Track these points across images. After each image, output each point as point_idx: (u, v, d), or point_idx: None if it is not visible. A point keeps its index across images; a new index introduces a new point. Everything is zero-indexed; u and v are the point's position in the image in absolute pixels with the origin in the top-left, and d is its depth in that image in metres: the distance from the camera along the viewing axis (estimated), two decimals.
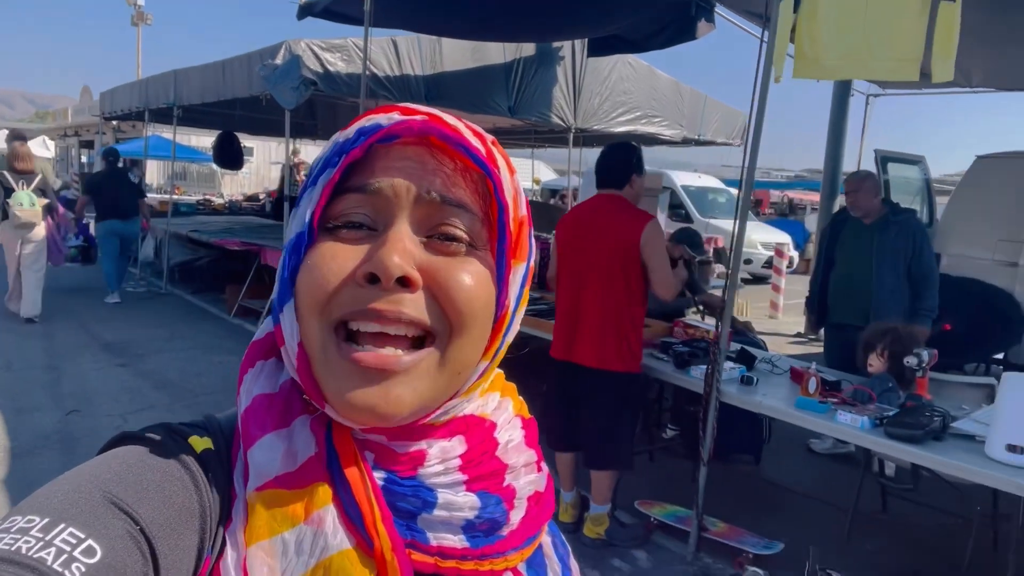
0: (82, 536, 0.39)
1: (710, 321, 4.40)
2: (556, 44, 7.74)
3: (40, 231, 6.82)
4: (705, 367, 3.21)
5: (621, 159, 3.18)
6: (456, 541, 0.50)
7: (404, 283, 0.46)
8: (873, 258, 4.24)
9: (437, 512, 0.49)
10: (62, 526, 0.39)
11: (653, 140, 9.30)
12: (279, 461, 0.47)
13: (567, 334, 3.24)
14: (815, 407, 2.83)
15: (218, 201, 13.52)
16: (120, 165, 9.21)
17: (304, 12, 5.80)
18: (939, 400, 2.97)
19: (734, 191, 13.43)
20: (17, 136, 7.20)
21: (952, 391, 3.26)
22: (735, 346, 3.73)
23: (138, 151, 12.60)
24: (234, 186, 23.31)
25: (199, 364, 5.85)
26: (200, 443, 0.49)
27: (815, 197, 13.80)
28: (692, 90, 9.33)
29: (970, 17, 4.90)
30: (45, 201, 6.84)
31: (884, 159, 6.36)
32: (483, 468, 0.52)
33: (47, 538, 0.38)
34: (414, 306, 0.47)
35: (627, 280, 3.09)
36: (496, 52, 7.27)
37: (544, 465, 0.58)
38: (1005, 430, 2.34)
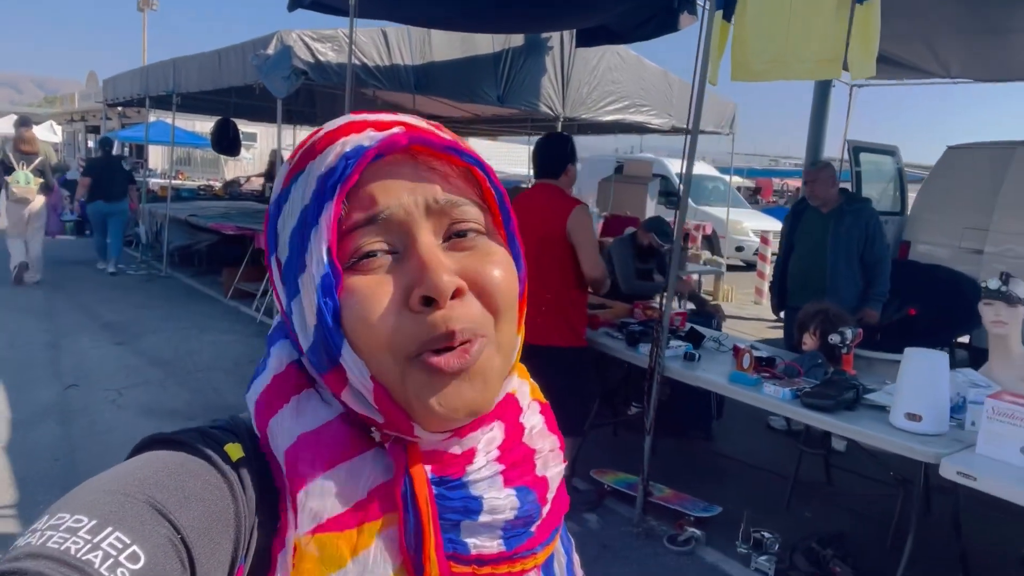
0: (128, 541, 0.40)
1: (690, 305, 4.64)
2: (544, 35, 7.93)
3: (36, 205, 7.84)
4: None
5: (556, 150, 3.40)
6: (494, 546, 0.51)
7: (454, 295, 0.48)
8: (828, 245, 4.46)
9: (481, 518, 0.50)
10: (109, 529, 0.40)
11: (642, 129, 9.50)
12: (332, 503, 0.48)
13: None
14: (746, 380, 3.06)
15: (218, 187, 13.78)
16: (115, 152, 10.17)
17: (295, 4, 6.02)
18: (868, 376, 3.19)
19: (728, 178, 13.62)
20: (23, 122, 8.05)
21: (881, 368, 3.47)
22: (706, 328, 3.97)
23: (141, 137, 12.84)
24: (238, 171, 23.55)
25: (193, 343, 6.12)
26: (235, 451, 0.50)
27: None
28: (681, 80, 9.49)
29: (947, 10, 5.08)
30: (41, 180, 7.80)
31: (856, 149, 6.54)
32: (516, 455, 0.54)
33: (95, 540, 0.39)
34: (468, 318, 0.48)
35: (561, 264, 3.31)
36: (485, 43, 7.45)
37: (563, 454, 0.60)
38: (905, 400, 2.57)
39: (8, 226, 7.89)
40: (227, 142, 10.72)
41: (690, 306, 5.28)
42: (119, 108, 14.33)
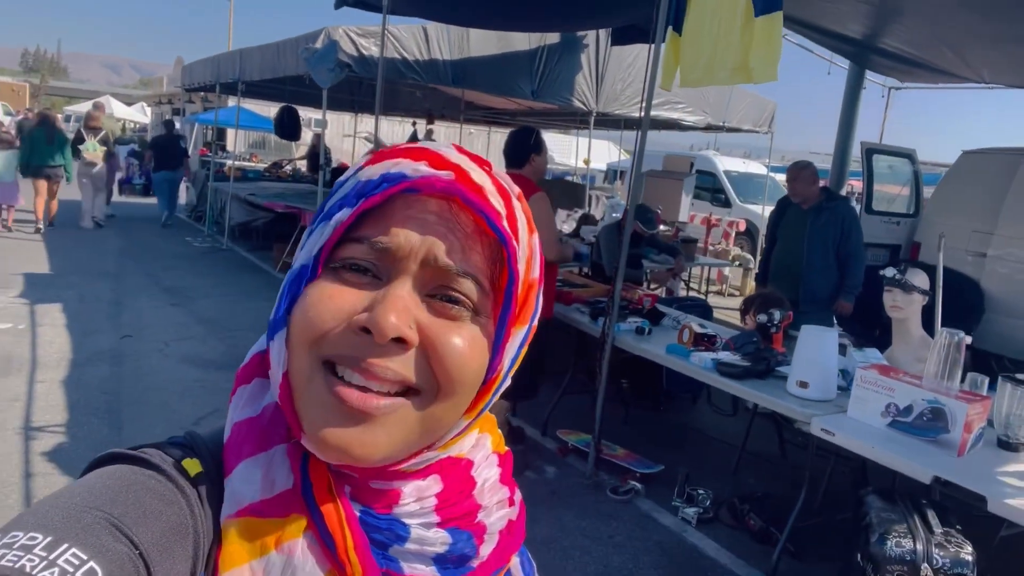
0: (84, 558, 0.39)
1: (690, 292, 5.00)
2: (580, 33, 8.30)
3: (99, 168, 10.46)
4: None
5: (521, 141, 3.82)
6: (428, 572, 0.51)
7: (398, 341, 0.46)
8: (805, 240, 4.75)
9: (409, 545, 0.50)
10: (65, 546, 0.39)
11: (675, 125, 9.75)
12: (255, 488, 0.48)
13: None
14: (679, 351, 3.45)
15: (285, 168, 14.67)
16: (174, 132, 12.47)
17: (340, 2, 6.62)
18: None
19: (776, 177, 13.64)
20: (96, 105, 10.00)
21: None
22: (673, 308, 4.36)
23: (217, 120, 13.83)
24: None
25: (238, 307, 6.82)
26: (193, 466, 0.49)
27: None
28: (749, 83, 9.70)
29: (968, 18, 5.25)
30: (103, 149, 10.47)
31: (870, 151, 6.69)
32: (457, 509, 0.53)
33: (50, 557, 0.38)
34: (403, 365, 0.47)
35: None
36: (521, 40, 7.88)
37: (518, 495, 0.59)
38: (796, 370, 2.93)
39: (81, 184, 10.38)
40: (289, 128, 11.49)
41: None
42: (202, 93, 15.44)
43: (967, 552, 2.08)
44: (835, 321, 5.01)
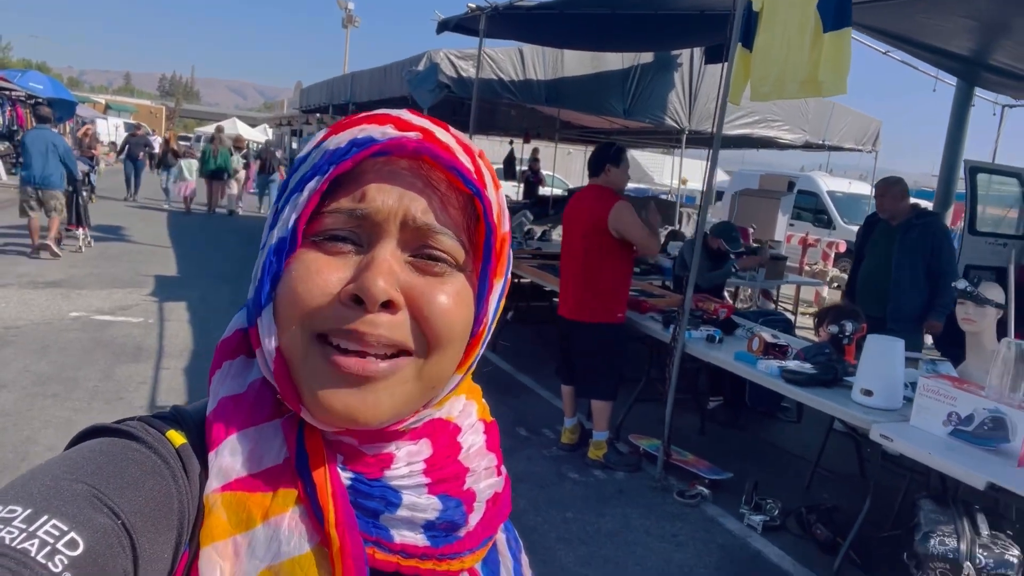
0: (65, 528, 0.39)
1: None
2: (674, 52, 8.41)
3: (240, 174, 15.46)
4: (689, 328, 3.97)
5: (599, 155, 4.00)
6: (418, 540, 0.51)
7: (387, 305, 0.47)
8: (893, 256, 4.68)
9: (400, 512, 0.50)
10: (45, 517, 0.39)
11: (771, 144, 9.65)
12: (242, 462, 0.48)
13: (562, 294, 4.16)
14: (747, 358, 3.53)
15: None
16: (270, 147, 15.91)
17: (442, 27, 7.05)
18: None
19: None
20: (219, 128, 10.89)
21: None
22: (754, 322, 4.43)
23: None
24: None
25: None
26: (177, 438, 0.49)
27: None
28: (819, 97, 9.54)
29: None
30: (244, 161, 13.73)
31: (973, 169, 6.44)
32: (446, 471, 0.54)
33: (30, 529, 0.38)
34: (394, 328, 0.48)
35: (600, 251, 3.91)
36: (615, 60, 8.06)
37: (504, 469, 0.60)
38: (861, 378, 2.96)
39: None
40: None
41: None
42: (318, 114, 16.53)
43: (1013, 554, 2.09)
44: (925, 341, 4.90)
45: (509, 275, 0.56)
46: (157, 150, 17.19)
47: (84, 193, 9.39)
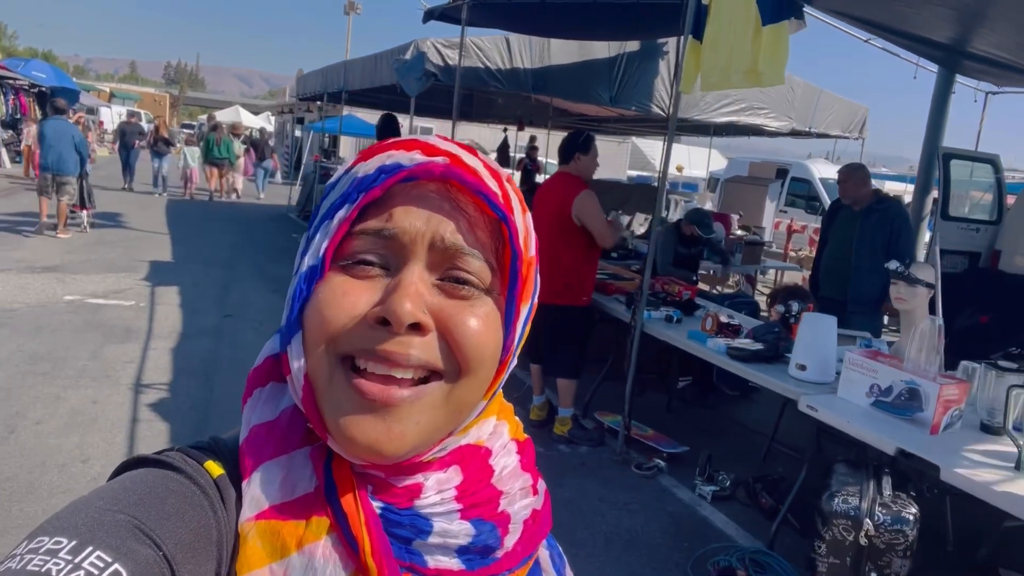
0: (109, 560, 0.39)
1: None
2: (660, 40, 8.51)
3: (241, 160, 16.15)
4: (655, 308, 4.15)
5: (569, 142, 4.16)
6: (452, 564, 0.50)
7: (415, 327, 0.47)
8: (854, 241, 4.82)
9: (432, 539, 0.50)
10: (90, 549, 0.39)
11: (758, 131, 9.76)
12: (275, 491, 0.48)
13: None
14: (698, 337, 3.69)
15: None
16: (265, 135, 16.17)
17: (427, 17, 7.19)
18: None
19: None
20: (211, 117, 11.40)
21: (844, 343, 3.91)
22: (720, 305, 4.58)
23: (324, 127, 15.03)
24: None
25: None
26: (215, 468, 0.50)
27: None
28: (806, 83, 9.64)
29: None
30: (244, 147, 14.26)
31: (947, 156, 6.56)
32: (478, 496, 0.53)
33: (76, 560, 0.38)
34: (424, 349, 0.48)
35: (567, 238, 4.07)
36: (601, 48, 8.16)
37: (542, 485, 0.59)
38: (796, 354, 3.13)
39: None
40: (388, 134, 12.27)
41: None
42: (318, 102, 16.72)
43: (910, 512, 2.25)
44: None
45: (536, 300, 0.56)
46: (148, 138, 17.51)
47: (88, 178, 9.82)
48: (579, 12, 6.16)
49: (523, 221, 0.53)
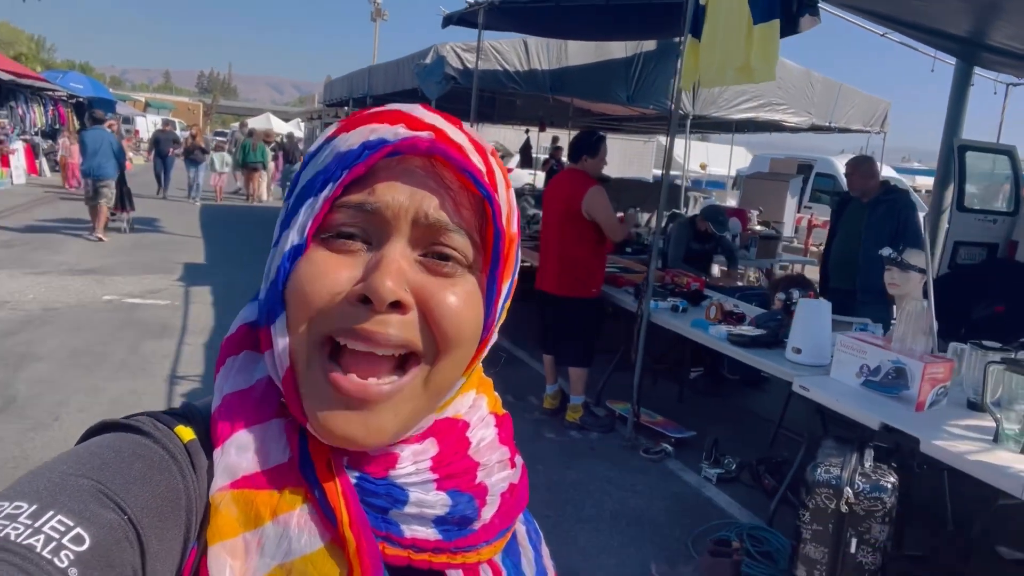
0: (71, 524, 0.39)
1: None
2: (676, 39, 8.61)
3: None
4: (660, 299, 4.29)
5: (576, 143, 4.33)
6: (429, 534, 0.50)
7: (396, 305, 0.46)
8: (863, 232, 4.91)
9: (408, 508, 0.50)
10: (51, 513, 0.39)
11: (776, 127, 9.80)
12: (248, 460, 0.47)
13: (540, 270, 4.49)
14: (701, 324, 3.83)
15: None
16: (294, 140, 16.35)
17: (446, 22, 7.40)
18: None
19: (903, 178, 13.17)
20: (243, 124, 11.52)
21: (842, 328, 4.01)
22: (731, 296, 4.71)
23: None
24: None
25: None
26: (186, 433, 0.49)
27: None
28: (825, 78, 9.66)
29: None
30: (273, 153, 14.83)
31: (963, 148, 6.59)
32: (454, 467, 0.53)
33: (36, 525, 0.38)
34: (404, 327, 0.47)
35: (577, 232, 4.23)
36: (618, 48, 8.29)
37: (519, 459, 0.59)
38: (792, 338, 3.25)
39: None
40: None
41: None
42: (345, 107, 17.12)
43: (888, 481, 2.37)
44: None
45: (516, 277, 0.56)
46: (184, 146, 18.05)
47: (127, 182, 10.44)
48: (593, 14, 6.32)
49: (506, 198, 0.53)
